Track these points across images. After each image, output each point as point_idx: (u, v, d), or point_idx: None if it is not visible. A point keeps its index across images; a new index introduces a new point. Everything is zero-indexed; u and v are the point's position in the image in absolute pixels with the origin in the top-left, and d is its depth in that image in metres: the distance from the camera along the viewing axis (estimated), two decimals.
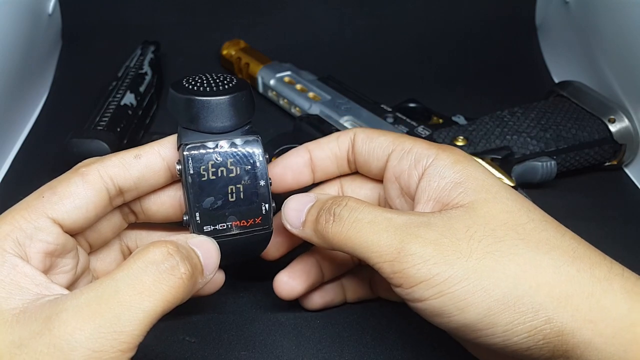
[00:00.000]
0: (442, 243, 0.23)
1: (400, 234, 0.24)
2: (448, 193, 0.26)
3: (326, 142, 0.31)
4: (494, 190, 0.25)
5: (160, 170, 0.28)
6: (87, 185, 0.26)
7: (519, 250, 0.23)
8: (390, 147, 0.29)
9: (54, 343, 0.20)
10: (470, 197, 0.25)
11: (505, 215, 0.24)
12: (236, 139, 0.27)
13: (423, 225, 0.24)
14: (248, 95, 0.28)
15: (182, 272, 0.23)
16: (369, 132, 0.30)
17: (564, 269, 0.23)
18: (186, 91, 0.27)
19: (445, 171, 0.26)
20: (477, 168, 0.26)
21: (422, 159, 0.27)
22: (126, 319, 0.21)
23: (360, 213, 0.25)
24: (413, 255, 0.23)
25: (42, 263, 0.24)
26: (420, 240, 0.24)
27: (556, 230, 0.24)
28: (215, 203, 0.27)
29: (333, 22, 0.62)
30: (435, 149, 0.27)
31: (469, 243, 0.23)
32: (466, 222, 0.24)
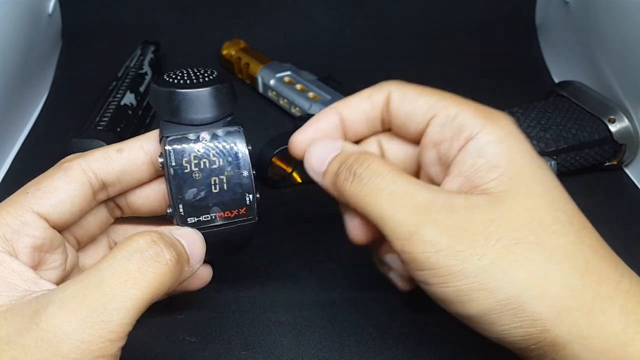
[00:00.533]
0: (458, 235, 0.23)
1: (418, 215, 0.23)
2: (482, 175, 0.24)
3: (357, 101, 0.28)
4: (530, 181, 0.24)
5: (143, 163, 0.28)
6: (70, 179, 0.26)
7: (533, 256, 0.22)
8: (432, 111, 0.26)
9: (41, 337, 0.20)
10: (502, 186, 0.23)
11: (530, 214, 0.23)
12: (218, 131, 0.28)
13: (444, 210, 0.23)
14: (229, 87, 0.28)
15: (167, 259, 0.23)
16: (406, 91, 0.27)
17: (572, 283, 0.22)
18: (167, 84, 0.27)
19: (487, 149, 0.24)
20: (521, 151, 0.24)
21: (466, 129, 0.25)
22: (113, 308, 0.21)
23: (382, 180, 0.24)
24: (426, 242, 0.23)
25: (30, 258, 0.24)
26: (436, 227, 0.23)
27: (577, 235, 0.23)
28: (198, 194, 0.27)
29: (333, 22, 0.62)
30: (482, 118, 0.25)
31: (486, 241, 0.22)
32: (489, 215, 0.23)
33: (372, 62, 0.59)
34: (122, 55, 0.53)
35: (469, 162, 0.24)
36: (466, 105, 0.25)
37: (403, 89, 0.27)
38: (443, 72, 0.59)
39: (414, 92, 0.27)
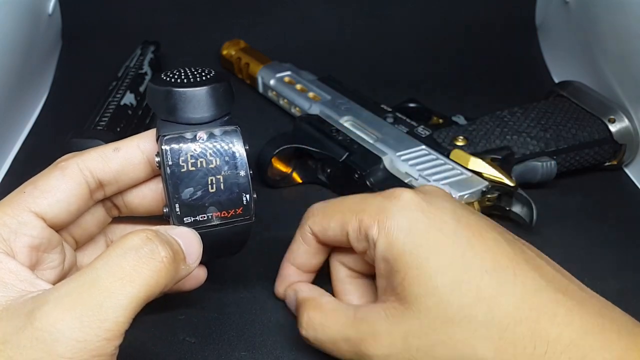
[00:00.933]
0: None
1: (357, 355, 0.27)
2: (392, 279, 0.26)
3: (297, 247, 0.32)
4: (429, 273, 0.25)
5: (139, 163, 0.28)
6: (66, 178, 0.26)
7: (448, 353, 0.24)
8: (344, 229, 0.28)
9: (36, 336, 0.20)
10: (407, 290, 0.25)
11: (437, 311, 0.25)
12: (215, 130, 0.27)
13: (370, 339, 0.26)
14: (226, 87, 0.28)
15: (163, 256, 0.23)
16: (320, 220, 0.30)
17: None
18: (164, 83, 0.27)
19: (386, 255, 0.26)
20: (417, 240, 0.26)
21: (370, 239, 0.27)
22: (109, 306, 0.21)
23: (320, 334, 0.28)
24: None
25: (28, 258, 0.24)
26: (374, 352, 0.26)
27: (487, 310, 0.24)
28: (195, 194, 0.27)
29: (333, 22, 0.62)
30: (376, 221, 0.27)
31: (407, 353, 0.25)
32: (404, 327, 0.25)
33: (372, 62, 0.59)
34: (122, 55, 0.53)
35: (381, 267, 0.27)
36: (365, 211, 0.28)
37: (317, 222, 0.30)
38: (443, 72, 0.59)
39: (325, 217, 0.30)
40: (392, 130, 0.43)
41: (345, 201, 0.29)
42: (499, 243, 0.26)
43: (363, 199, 0.29)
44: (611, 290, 0.35)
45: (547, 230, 0.39)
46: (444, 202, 0.27)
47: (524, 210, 0.38)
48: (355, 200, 0.29)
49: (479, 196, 0.38)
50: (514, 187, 0.38)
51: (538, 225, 0.38)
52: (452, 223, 0.26)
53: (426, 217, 0.26)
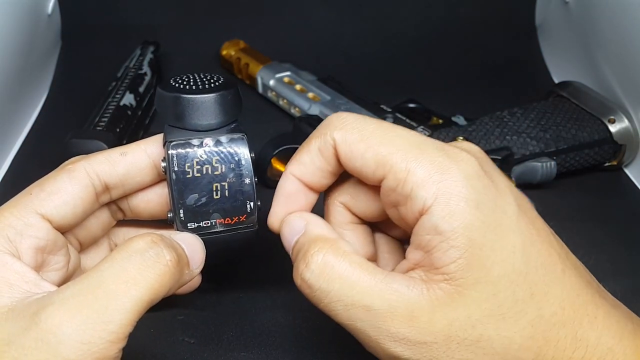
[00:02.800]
0: (419, 351, 0.22)
1: (377, 332, 0.22)
2: (441, 255, 0.22)
3: (309, 159, 0.25)
4: (490, 260, 0.22)
5: (146, 167, 0.28)
6: (73, 181, 0.26)
7: (492, 350, 0.22)
8: (380, 171, 0.23)
9: (41, 337, 0.20)
10: (461, 272, 0.22)
11: (491, 303, 0.22)
12: (221, 137, 0.28)
13: (404, 321, 0.22)
14: (234, 94, 0.28)
15: (168, 260, 0.23)
16: (351, 144, 0.24)
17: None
18: (173, 89, 0.28)
19: (443, 225, 0.22)
20: (480, 218, 0.22)
21: (419, 200, 0.22)
22: (113, 309, 0.21)
23: (335, 289, 0.23)
24: (390, 356, 0.23)
25: (33, 259, 0.24)
26: (398, 345, 0.22)
27: (536, 309, 0.22)
28: (199, 200, 0.27)
29: (333, 22, 0.62)
30: (434, 184, 0.22)
31: (447, 345, 0.22)
32: (450, 315, 0.22)
33: (372, 62, 0.59)
34: (121, 55, 0.53)
35: (427, 237, 0.22)
36: (416, 163, 0.22)
37: (348, 140, 0.24)
38: (443, 73, 0.59)
39: (360, 145, 0.24)
40: None
41: (395, 136, 0.23)
42: (549, 235, 0.24)
43: (419, 145, 0.23)
44: (611, 291, 0.35)
45: None
46: (500, 177, 0.23)
47: None
48: (408, 142, 0.23)
49: None
50: None
51: None
52: (514, 205, 0.23)
53: (491, 193, 0.22)
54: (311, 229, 0.25)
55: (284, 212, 0.26)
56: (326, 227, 0.26)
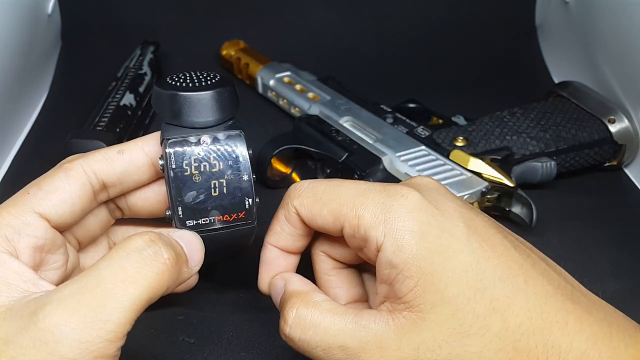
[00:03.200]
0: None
1: (353, 358, 0.24)
2: (400, 287, 0.24)
3: (280, 229, 0.28)
4: (444, 281, 0.23)
5: (143, 165, 0.28)
6: (71, 180, 0.26)
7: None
8: (338, 222, 0.25)
9: (39, 337, 0.20)
10: (419, 298, 0.23)
11: (452, 322, 0.23)
12: (219, 134, 0.28)
13: (375, 353, 0.24)
14: (231, 91, 0.28)
15: (166, 258, 0.23)
16: (310, 205, 0.26)
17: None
18: (169, 87, 0.28)
19: (395, 260, 0.23)
20: (429, 244, 0.23)
21: (372, 241, 0.24)
22: (111, 308, 0.21)
23: (311, 336, 0.25)
24: None
25: (31, 258, 0.24)
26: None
27: (501, 321, 0.23)
28: (198, 197, 0.27)
29: (333, 22, 0.62)
30: (382, 222, 0.24)
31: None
32: (417, 339, 0.23)
33: (372, 62, 0.59)
34: (121, 55, 0.53)
35: (386, 272, 0.24)
36: (362, 209, 0.25)
37: (305, 205, 0.27)
38: (443, 72, 0.59)
39: (315, 206, 0.26)
40: (391, 131, 0.43)
41: (342, 190, 0.26)
42: (508, 248, 0.24)
43: (363, 192, 0.25)
44: (611, 291, 0.35)
45: (546, 230, 0.39)
46: (449, 202, 0.25)
47: (524, 211, 0.38)
48: (354, 193, 0.26)
49: (479, 197, 0.38)
50: (513, 188, 0.38)
51: (538, 226, 0.38)
52: (462, 227, 0.24)
53: (436, 220, 0.24)
54: (287, 287, 0.27)
55: (269, 277, 0.29)
56: (300, 282, 0.28)
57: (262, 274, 0.29)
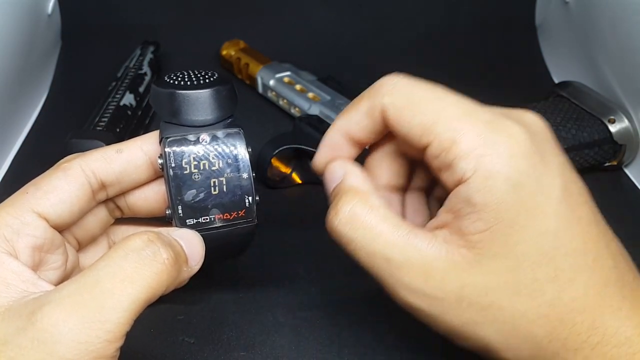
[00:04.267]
0: (431, 304, 0.24)
1: (394, 281, 0.24)
2: (469, 224, 0.23)
3: (357, 118, 0.26)
4: (515, 238, 0.22)
5: (142, 164, 0.28)
6: (69, 179, 0.26)
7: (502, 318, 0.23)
8: (425, 138, 0.23)
9: (37, 337, 0.20)
10: (484, 243, 0.22)
11: (507, 277, 0.23)
12: (218, 132, 0.28)
13: (419, 276, 0.23)
14: (229, 89, 0.28)
15: (165, 258, 0.23)
16: (401, 109, 0.24)
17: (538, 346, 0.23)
18: (168, 85, 0.28)
19: (476, 198, 0.22)
20: (516, 199, 0.22)
21: (459, 170, 0.22)
22: (110, 308, 0.21)
23: (359, 237, 0.24)
24: (404, 303, 0.25)
25: (30, 258, 0.24)
26: (411, 295, 0.24)
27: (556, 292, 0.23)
28: (197, 196, 0.27)
29: (333, 22, 0.62)
30: (477, 157, 0.22)
31: (457, 304, 0.23)
32: (464, 279, 0.23)
33: (372, 62, 0.59)
34: (121, 55, 0.53)
35: (459, 205, 0.23)
36: (461, 135, 0.23)
37: (396, 106, 0.24)
38: (442, 72, 0.59)
39: (407, 112, 0.24)
40: None
41: (442, 104, 0.24)
42: (590, 223, 0.24)
43: (467, 113, 0.23)
44: None
45: None
46: (554, 157, 0.24)
47: None
48: (455, 112, 0.23)
49: None
50: None
51: None
52: (559, 189, 0.23)
53: (536, 173, 0.22)
54: (347, 179, 0.26)
55: (326, 158, 0.28)
56: (362, 178, 0.26)
57: (321, 152, 0.28)
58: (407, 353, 0.31)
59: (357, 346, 0.32)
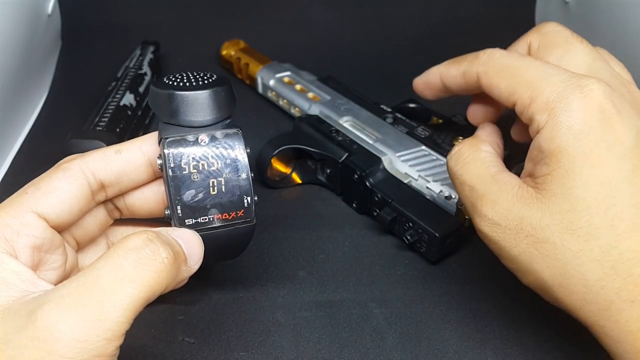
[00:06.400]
0: (496, 230, 0.27)
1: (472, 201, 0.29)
2: (539, 168, 0.26)
3: (454, 73, 0.32)
4: (573, 183, 0.25)
5: (141, 165, 0.28)
6: (69, 179, 0.26)
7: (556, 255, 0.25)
8: (512, 98, 0.28)
9: (37, 336, 0.20)
10: (547, 184, 0.26)
11: (562, 217, 0.25)
12: (216, 133, 0.28)
13: (489, 201, 0.27)
14: (228, 90, 0.29)
15: (164, 257, 0.23)
16: (491, 75, 0.29)
17: (590, 283, 0.25)
18: (166, 86, 0.28)
19: (544, 146, 0.26)
20: (577, 151, 0.25)
21: (535, 122, 0.27)
22: (109, 306, 0.21)
23: (457, 164, 0.30)
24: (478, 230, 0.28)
25: (30, 258, 0.24)
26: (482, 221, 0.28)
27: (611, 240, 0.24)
28: (196, 196, 0.27)
29: (333, 22, 0.62)
30: (549, 111, 0.26)
31: (516, 234, 0.26)
32: (524, 212, 0.26)
33: (372, 62, 0.59)
34: (121, 55, 0.53)
35: (534, 153, 0.27)
36: (538, 92, 0.27)
37: (489, 74, 0.30)
38: None
39: (495, 78, 0.29)
40: (391, 131, 0.43)
41: (525, 71, 0.28)
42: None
43: (544, 76, 0.27)
44: None
45: None
46: (633, 120, 0.26)
47: None
48: (535, 75, 0.27)
49: None
50: None
51: None
52: (626, 145, 0.25)
53: (604, 126, 0.25)
54: (477, 130, 0.33)
55: (423, 83, 0.35)
56: (486, 132, 0.32)
57: (422, 77, 0.35)
58: (407, 353, 0.31)
59: (356, 346, 0.32)
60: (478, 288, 0.35)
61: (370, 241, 0.38)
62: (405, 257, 0.37)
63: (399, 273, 0.36)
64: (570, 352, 0.31)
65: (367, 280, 0.36)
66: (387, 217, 0.37)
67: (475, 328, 0.32)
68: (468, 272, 0.36)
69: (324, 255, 0.37)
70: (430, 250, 0.36)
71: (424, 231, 0.35)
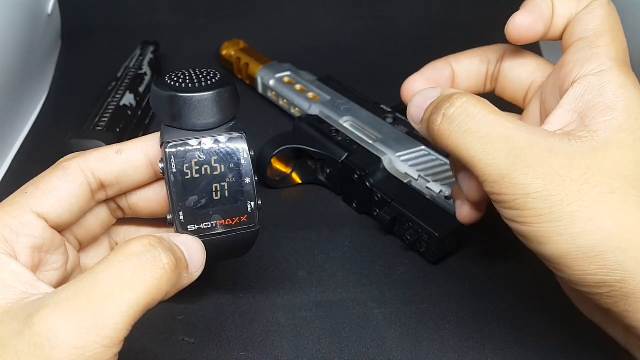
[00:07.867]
0: (552, 181, 0.23)
1: (512, 158, 0.23)
2: (596, 114, 0.24)
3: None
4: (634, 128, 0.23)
5: (142, 166, 0.28)
6: (68, 178, 0.26)
7: (625, 208, 0.23)
8: None
9: (34, 341, 0.20)
10: (610, 131, 0.24)
11: (632, 167, 0.23)
12: (220, 136, 0.27)
13: (542, 154, 0.23)
14: (232, 91, 0.27)
15: (165, 263, 0.23)
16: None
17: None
18: (168, 88, 0.27)
19: (609, 88, 0.24)
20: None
21: (597, 61, 0.25)
22: (108, 312, 0.21)
23: (474, 122, 0.24)
24: (517, 185, 0.23)
25: (30, 259, 0.24)
26: (530, 172, 0.23)
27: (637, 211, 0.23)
28: (199, 202, 0.27)
29: (333, 22, 0.62)
30: (615, 60, 0.25)
31: (580, 187, 0.23)
32: (589, 162, 0.23)
33: (372, 62, 0.59)
34: (121, 55, 0.53)
35: (588, 97, 0.24)
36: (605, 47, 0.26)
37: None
38: None
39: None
40: (391, 131, 0.43)
41: None
42: None
43: None
44: None
45: None
46: None
47: None
48: None
49: None
50: None
51: None
52: None
53: None
54: (448, 91, 0.27)
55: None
56: None
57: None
58: (407, 353, 0.31)
59: (357, 347, 0.32)
60: (478, 288, 0.35)
61: (370, 241, 0.38)
62: (405, 257, 0.37)
63: (399, 273, 0.36)
64: (570, 352, 0.31)
65: (367, 280, 0.36)
66: (387, 217, 0.37)
67: (475, 328, 0.32)
68: (468, 272, 0.36)
69: (324, 255, 0.37)
70: (430, 250, 0.36)
71: (424, 231, 0.35)
